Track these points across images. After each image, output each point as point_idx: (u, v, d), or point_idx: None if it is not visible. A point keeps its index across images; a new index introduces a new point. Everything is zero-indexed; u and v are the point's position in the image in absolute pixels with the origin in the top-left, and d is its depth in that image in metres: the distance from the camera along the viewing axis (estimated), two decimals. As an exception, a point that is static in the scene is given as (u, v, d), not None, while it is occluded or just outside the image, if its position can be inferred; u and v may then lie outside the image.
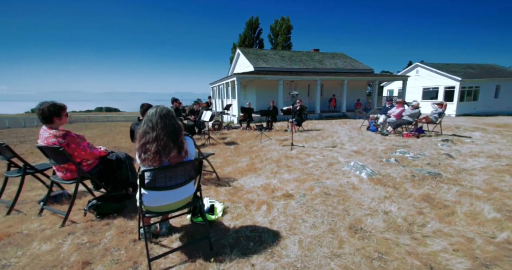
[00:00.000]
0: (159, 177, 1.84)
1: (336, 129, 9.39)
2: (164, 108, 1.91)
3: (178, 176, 1.91)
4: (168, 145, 1.80)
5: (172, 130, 1.85)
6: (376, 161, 4.33)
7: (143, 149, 1.79)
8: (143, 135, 1.83)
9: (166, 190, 1.86)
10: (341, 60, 19.58)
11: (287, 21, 41.48)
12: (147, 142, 1.80)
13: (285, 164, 4.38)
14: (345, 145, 6.25)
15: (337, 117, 15.14)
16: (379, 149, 5.51)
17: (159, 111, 1.86)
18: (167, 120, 1.86)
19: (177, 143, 1.85)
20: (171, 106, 6.13)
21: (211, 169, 3.70)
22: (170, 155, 1.80)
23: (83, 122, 26.50)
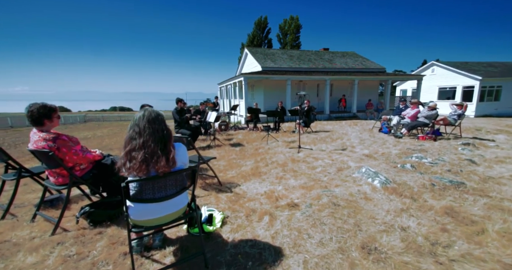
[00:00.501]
0: (146, 188, 1.65)
1: (346, 130, 9.03)
2: (153, 111, 1.73)
3: (168, 186, 1.72)
4: (156, 153, 1.62)
5: (161, 136, 1.66)
6: (390, 167, 4.01)
7: (128, 156, 1.61)
8: (129, 141, 1.65)
9: (154, 202, 1.67)
10: (352, 59, 19.06)
11: (296, 20, 41.04)
12: (133, 149, 1.62)
13: (291, 168, 4.14)
14: (355, 148, 5.93)
15: (347, 118, 14.70)
16: (392, 152, 5.17)
17: (147, 115, 1.68)
18: (156, 125, 1.67)
19: (167, 150, 1.66)
20: (175, 106, 6.00)
21: (213, 173, 3.52)
22: (159, 164, 1.61)
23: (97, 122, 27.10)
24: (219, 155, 5.41)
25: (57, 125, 2.54)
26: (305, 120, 8.60)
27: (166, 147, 1.68)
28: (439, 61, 19.11)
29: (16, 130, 14.70)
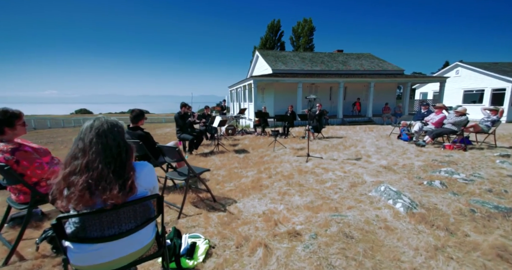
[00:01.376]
0: (91, 224, 1.24)
1: (361, 137, 8.37)
2: (108, 121, 1.32)
3: (124, 220, 1.30)
4: (105, 177, 1.21)
5: (114, 155, 1.25)
6: (414, 183, 3.42)
7: (66, 181, 1.22)
8: (69, 160, 1.25)
9: (104, 241, 1.26)
10: (367, 61, 18.23)
11: (310, 23, 40.48)
12: (73, 172, 1.22)
13: (297, 182, 3.65)
14: (371, 157, 5.33)
15: (362, 122, 13.92)
16: (415, 164, 4.54)
17: (96, 126, 1.27)
18: (109, 140, 1.26)
19: (122, 174, 1.25)
20: (179, 111, 5.69)
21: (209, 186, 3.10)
22: (108, 193, 1.20)
23: (116, 124, 27.81)
24: (221, 162, 5.01)
25: (24, 134, 2.22)
26: (316, 125, 8.05)
27: (123, 169, 1.26)
28: (464, 62, 17.85)
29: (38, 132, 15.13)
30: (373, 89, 14.69)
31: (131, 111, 3.01)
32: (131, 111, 3.02)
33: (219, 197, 3.07)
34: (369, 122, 14.05)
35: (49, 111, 76.92)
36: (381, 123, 14.20)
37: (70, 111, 64.78)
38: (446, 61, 44.18)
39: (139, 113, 2.97)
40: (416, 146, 6.29)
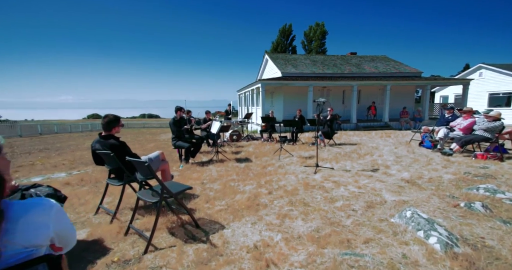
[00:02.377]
0: None
1: (377, 143, 7.63)
2: None
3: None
4: None
5: None
6: (447, 205, 2.76)
7: None
8: None
9: None
10: (382, 64, 17.35)
11: (322, 27, 39.97)
12: None
13: (301, 199, 3.07)
14: (390, 168, 4.65)
15: (378, 127, 13.05)
16: (445, 178, 3.83)
17: None
18: None
19: None
20: (174, 116, 5.27)
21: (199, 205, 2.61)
22: None
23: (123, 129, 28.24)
24: (218, 173, 4.50)
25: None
26: (327, 131, 7.41)
27: None
28: (487, 63, 16.56)
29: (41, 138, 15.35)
30: (389, 93, 13.81)
31: (104, 117, 2.58)
32: (103, 117, 2.59)
33: (205, 220, 2.55)
34: (385, 127, 13.15)
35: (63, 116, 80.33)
36: (399, 128, 13.26)
37: (83, 116, 67.71)
38: (466, 63, 41.97)
39: (113, 119, 2.53)
40: (442, 155, 5.52)
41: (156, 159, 2.89)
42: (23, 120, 46.79)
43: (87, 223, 2.62)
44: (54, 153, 7.67)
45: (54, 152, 8.22)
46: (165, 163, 3.06)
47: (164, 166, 3.03)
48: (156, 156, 2.92)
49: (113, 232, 2.33)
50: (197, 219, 2.57)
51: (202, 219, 2.58)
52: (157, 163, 2.90)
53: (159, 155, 2.96)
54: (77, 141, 12.69)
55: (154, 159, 2.86)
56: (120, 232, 2.34)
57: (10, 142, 12.19)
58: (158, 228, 2.36)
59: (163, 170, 3.05)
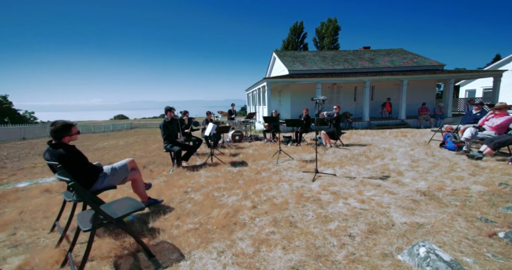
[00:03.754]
0: None
1: (391, 144, 6.87)
2: None
3: None
4: None
5: None
6: (477, 232, 2.12)
7: None
8: None
9: None
10: (399, 57, 16.20)
11: (335, 22, 38.74)
12: None
13: (288, 218, 2.54)
14: (404, 175, 3.98)
15: (393, 126, 12.09)
16: (473, 190, 3.14)
17: None
18: None
19: None
20: (165, 118, 4.90)
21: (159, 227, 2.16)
22: None
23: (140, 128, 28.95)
24: (205, 180, 4.05)
25: None
26: (333, 131, 6.76)
27: None
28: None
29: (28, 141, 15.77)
30: (405, 88, 12.77)
31: (51, 124, 2.17)
32: (51, 124, 2.19)
33: (164, 245, 2.08)
34: (401, 126, 12.17)
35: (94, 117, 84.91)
36: (417, 126, 12.23)
37: (111, 117, 73.50)
38: (497, 54, 38.56)
39: (60, 129, 2.10)
40: (469, 158, 4.74)
41: (122, 168, 2.51)
42: None
43: (31, 246, 2.25)
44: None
45: None
46: (135, 172, 2.66)
47: (134, 176, 2.63)
48: (122, 165, 2.52)
49: (50, 260, 1.93)
50: (157, 243, 2.13)
51: (162, 244, 2.12)
52: (123, 173, 2.52)
53: (126, 163, 2.56)
54: (92, 141, 12.84)
55: (120, 169, 2.49)
56: (59, 261, 1.94)
57: (35, 142, 12.56)
58: (105, 256, 1.94)
59: (134, 180, 2.67)
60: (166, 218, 2.55)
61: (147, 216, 2.63)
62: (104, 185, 2.32)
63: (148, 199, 2.88)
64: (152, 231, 2.32)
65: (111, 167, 2.43)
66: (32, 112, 27.69)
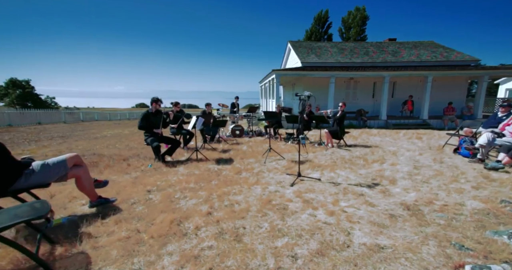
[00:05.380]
0: None
1: (399, 147, 6.28)
2: None
3: None
4: None
5: None
6: (443, 261, 1.75)
7: None
8: None
9: None
10: (427, 51, 14.77)
11: (363, 11, 36.48)
12: None
13: (238, 229, 2.31)
14: (396, 184, 3.55)
15: (413, 126, 11.14)
16: (467, 206, 2.68)
17: None
18: None
19: None
20: (149, 108, 4.82)
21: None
22: None
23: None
24: (178, 178, 3.86)
25: None
26: (336, 130, 6.31)
27: None
28: None
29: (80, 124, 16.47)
30: (430, 85, 11.63)
31: None
32: None
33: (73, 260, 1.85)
34: (422, 126, 11.18)
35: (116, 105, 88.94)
36: (441, 127, 11.17)
37: (132, 105, 76.71)
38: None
39: None
40: (486, 169, 4.12)
41: (57, 164, 2.36)
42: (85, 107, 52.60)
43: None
44: (59, 141, 7.96)
45: (56, 140, 8.54)
46: (78, 169, 2.55)
47: (77, 173, 2.52)
48: (59, 161, 2.40)
49: None
50: (72, 254, 1.93)
51: (75, 256, 1.92)
52: (60, 170, 2.37)
53: (65, 159, 2.43)
54: (99, 129, 13.41)
55: (54, 165, 2.34)
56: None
57: (48, 127, 13.44)
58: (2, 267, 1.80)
59: (77, 177, 2.55)
60: (104, 222, 2.42)
61: (84, 218, 2.46)
62: (30, 183, 2.21)
63: (98, 198, 2.75)
64: (77, 237, 2.14)
65: (42, 163, 2.31)
66: (53, 97, 29.17)
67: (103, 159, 5.11)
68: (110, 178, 3.88)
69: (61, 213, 2.69)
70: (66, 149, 6.55)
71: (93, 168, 4.42)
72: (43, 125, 14.50)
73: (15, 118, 13.22)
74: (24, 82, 25.52)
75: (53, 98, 29.32)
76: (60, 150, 6.43)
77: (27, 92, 25.17)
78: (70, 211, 2.73)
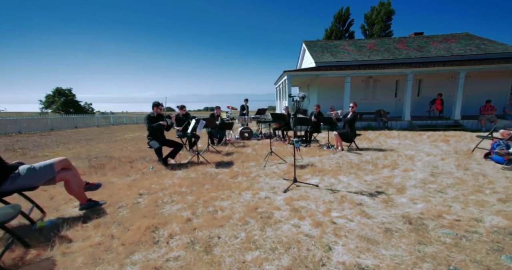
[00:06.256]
0: None
1: (419, 151, 5.71)
2: None
3: None
4: None
5: None
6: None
7: None
8: None
9: None
10: (460, 43, 13.49)
11: (388, 6, 34.72)
12: None
13: (212, 238, 2.18)
14: (404, 193, 3.17)
15: (442, 127, 10.17)
16: (485, 223, 2.29)
17: None
18: None
19: None
20: (151, 112, 4.91)
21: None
22: None
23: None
24: (173, 182, 3.81)
25: None
26: (346, 133, 5.92)
27: None
28: None
29: (110, 128, 17.49)
30: (462, 81, 10.56)
31: None
32: None
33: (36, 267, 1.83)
34: (454, 127, 10.15)
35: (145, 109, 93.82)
36: (477, 129, 10.06)
37: None
38: None
39: None
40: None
41: (44, 168, 2.43)
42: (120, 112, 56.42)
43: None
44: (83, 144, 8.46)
45: (85, 142, 9.10)
46: (66, 172, 2.61)
47: (65, 176, 2.58)
48: (46, 165, 2.46)
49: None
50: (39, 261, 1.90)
51: (40, 263, 1.88)
52: (47, 173, 2.43)
53: (52, 163, 2.50)
54: (123, 132, 14.10)
55: (40, 169, 2.41)
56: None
57: (81, 131, 14.49)
58: None
59: (66, 181, 2.61)
60: (84, 226, 2.41)
61: (67, 221, 2.48)
62: (15, 186, 2.30)
63: (87, 201, 2.80)
64: (50, 242, 2.13)
65: (28, 167, 2.39)
66: (90, 103, 31.63)
67: (111, 161, 5.30)
68: (110, 180, 3.99)
69: (53, 215, 2.75)
70: (85, 151, 6.93)
71: (99, 170, 4.58)
72: (78, 129, 15.67)
73: (56, 123, 14.56)
74: (67, 90, 28.06)
75: (90, 104, 31.84)
76: (79, 152, 6.82)
77: (70, 100, 27.61)
78: (60, 213, 2.79)
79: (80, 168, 4.70)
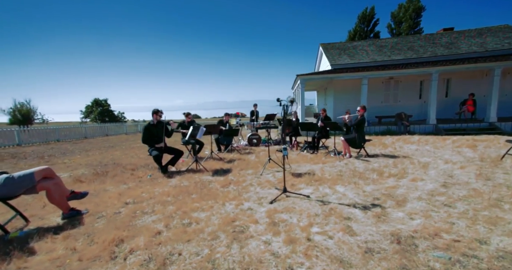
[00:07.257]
0: None
1: (436, 158, 5.14)
2: None
3: None
4: None
5: None
6: None
7: None
8: None
9: None
10: (497, 37, 12.17)
11: (417, 2, 32.86)
12: None
13: (172, 255, 2.06)
14: (404, 205, 2.82)
15: (473, 131, 9.13)
16: (491, 245, 1.94)
17: None
18: None
19: None
20: (151, 120, 5.03)
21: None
22: None
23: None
24: (163, 190, 3.78)
25: None
26: (354, 138, 5.54)
27: None
28: None
29: (136, 135, 18.39)
30: (498, 79, 9.43)
31: None
32: None
33: None
34: (487, 131, 9.04)
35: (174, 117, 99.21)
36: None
37: None
38: None
39: None
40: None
41: (23, 178, 2.49)
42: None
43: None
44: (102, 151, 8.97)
45: (105, 150, 9.64)
46: (48, 181, 2.68)
47: (47, 186, 2.66)
48: (26, 174, 2.54)
49: None
50: None
51: None
52: (26, 183, 2.51)
53: (33, 172, 2.59)
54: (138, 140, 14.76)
55: (20, 178, 2.47)
56: None
57: (111, 138, 15.39)
58: None
59: (48, 190, 2.69)
60: (54, 238, 2.41)
61: (41, 232, 2.48)
62: None
63: (70, 211, 2.84)
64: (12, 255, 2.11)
65: (6, 177, 2.47)
66: (123, 112, 33.95)
67: (116, 168, 5.50)
68: (106, 188, 4.10)
69: (36, 224, 2.78)
70: (100, 158, 7.33)
71: (100, 177, 4.76)
72: (109, 137, 16.49)
73: (90, 132, 15.69)
74: (103, 101, 30.59)
75: (122, 113, 34.30)
76: (94, 159, 7.23)
77: (105, 109, 30.03)
78: (44, 222, 2.81)
79: (85, 175, 4.94)
